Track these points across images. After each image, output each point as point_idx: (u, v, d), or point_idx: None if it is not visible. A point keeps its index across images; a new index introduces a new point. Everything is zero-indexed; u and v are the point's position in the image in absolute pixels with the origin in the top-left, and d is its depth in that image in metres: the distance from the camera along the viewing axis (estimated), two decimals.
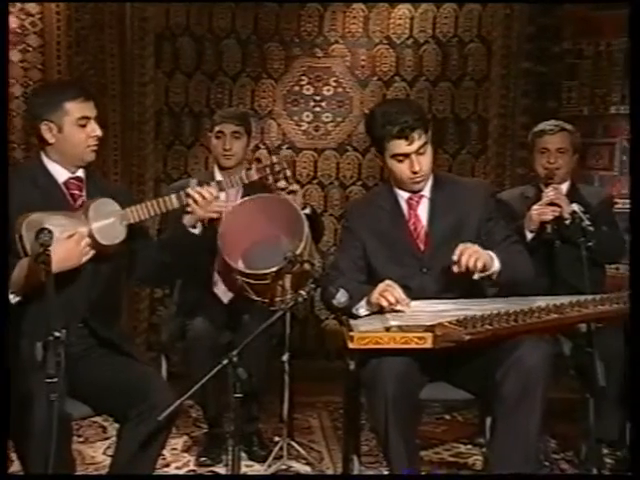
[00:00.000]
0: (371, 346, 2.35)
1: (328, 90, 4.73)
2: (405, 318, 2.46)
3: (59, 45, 4.40)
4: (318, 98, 4.73)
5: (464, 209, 2.73)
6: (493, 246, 2.67)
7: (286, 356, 3.21)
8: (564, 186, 3.50)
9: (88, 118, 2.56)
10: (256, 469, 3.27)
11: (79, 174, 2.61)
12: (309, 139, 4.76)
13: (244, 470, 3.18)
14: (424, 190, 2.75)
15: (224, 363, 2.22)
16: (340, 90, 4.72)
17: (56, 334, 1.96)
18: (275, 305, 3.15)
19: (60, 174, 2.58)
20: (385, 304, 2.49)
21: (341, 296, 2.50)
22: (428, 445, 3.50)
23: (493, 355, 2.42)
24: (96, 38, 4.48)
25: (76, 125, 2.53)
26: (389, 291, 2.51)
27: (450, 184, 2.79)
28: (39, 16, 4.37)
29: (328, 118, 4.74)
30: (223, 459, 3.30)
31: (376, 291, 2.54)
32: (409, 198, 2.75)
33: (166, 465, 3.28)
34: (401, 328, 2.36)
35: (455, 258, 2.51)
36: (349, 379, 2.69)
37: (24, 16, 4.35)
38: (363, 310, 2.57)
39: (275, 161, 2.79)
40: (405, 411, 2.39)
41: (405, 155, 2.65)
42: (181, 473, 3.25)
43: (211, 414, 3.38)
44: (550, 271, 3.44)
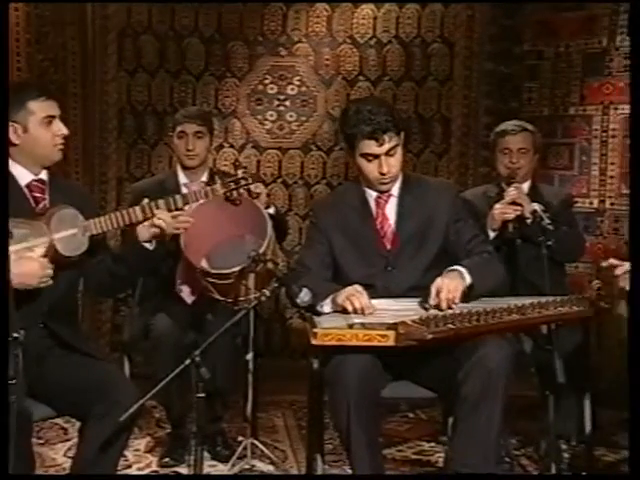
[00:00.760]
0: (334, 343, 2.36)
1: (292, 89, 4.73)
2: (368, 316, 2.47)
3: (18, 42, 4.34)
4: (282, 97, 4.73)
5: (432, 209, 2.74)
6: (461, 247, 2.69)
7: (250, 355, 3.21)
8: (525, 185, 3.54)
9: (53, 117, 2.53)
10: (220, 469, 3.26)
11: (42, 176, 2.58)
12: (273, 138, 4.75)
13: (207, 470, 3.18)
14: (392, 189, 2.76)
15: (186, 363, 2.22)
16: (304, 89, 4.73)
17: (15, 335, 1.94)
18: (239, 305, 3.15)
19: (22, 177, 2.54)
20: (350, 309, 2.50)
21: (304, 295, 2.50)
22: (392, 443, 3.53)
23: (455, 355, 2.44)
24: (57, 35, 4.43)
25: (41, 124, 2.51)
26: (356, 297, 2.52)
27: (418, 184, 2.81)
28: None
29: (292, 117, 4.74)
30: (186, 460, 3.28)
31: (344, 293, 2.54)
32: (377, 197, 2.76)
33: (128, 466, 3.26)
34: (364, 326, 2.37)
35: (433, 292, 2.50)
36: (313, 378, 2.70)
37: None
38: (327, 308, 2.58)
39: (240, 176, 2.79)
40: (367, 409, 2.40)
41: (375, 156, 2.66)
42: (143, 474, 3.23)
43: (174, 414, 3.36)
44: (511, 269, 3.47)
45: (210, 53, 4.67)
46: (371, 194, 2.77)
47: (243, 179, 2.79)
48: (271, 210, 3.44)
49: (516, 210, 3.31)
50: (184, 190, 3.38)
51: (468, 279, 2.56)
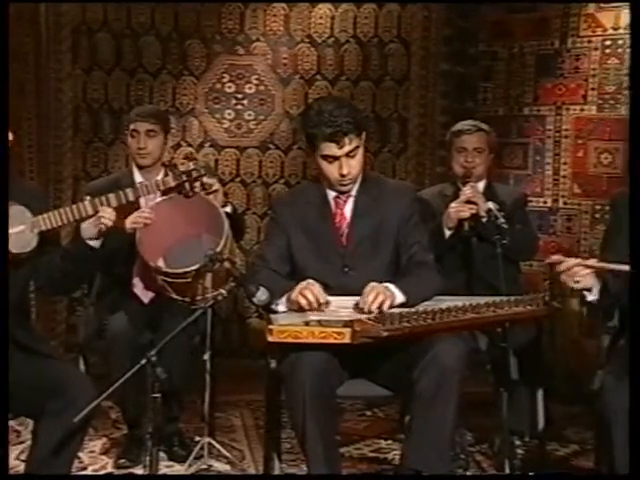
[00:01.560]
0: (290, 340, 2.36)
1: (250, 88, 4.72)
2: (325, 313, 2.48)
3: None
4: (240, 96, 4.72)
5: (387, 209, 2.75)
6: (405, 250, 2.71)
7: (207, 355, 3.20)
8: (480, 184, 3.58)
9: None
10: (176, 469, 3.24)
11: None
12: (231, 137, 4.74)
13: (164, 471, 3.17)
14: (352, 190, 2.77)
15: (142, 363, 2.20)
16: (262, 88, 4.72)
17: None
18: (196, 304, 3.14)
19: None
20: (304, 302, 2.50)
21: (261, 294, 2.50)
22: (349, 441, 3.54)
23: (411, 353, 2.45)
24: (10, 32, 4.35)
25: None
26: (309, 289, 2.52)
27: (377, 185, 2.81)
28: None
29: (250, 116, 4.73)
30: (143, 460, 3.26)
31: (297, 289, 2.55)
32: (336, 197, 2.77)
33: (83, 468, 3.22)
34: (320, 323, 2.38)
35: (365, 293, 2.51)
36: (270, 377, 2.70)
37: None
38: (282, 307, 2.58)
39: (192, 168, 2.77)
40: (323, 407, 2.40)
41: (335, 157, 2.66)
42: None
43: (130, 415, 3.33)
44: (467, 268, 3.52)
45: (167, 51, 4.65)
46: (331, 193, 2.77)
47: (195, 171, 2.77)
48: (228, 209, 3.43)
49: (471, 209, 3.35)
50: None
51: (400, 297, 2.55)
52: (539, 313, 2.61)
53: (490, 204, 3.22)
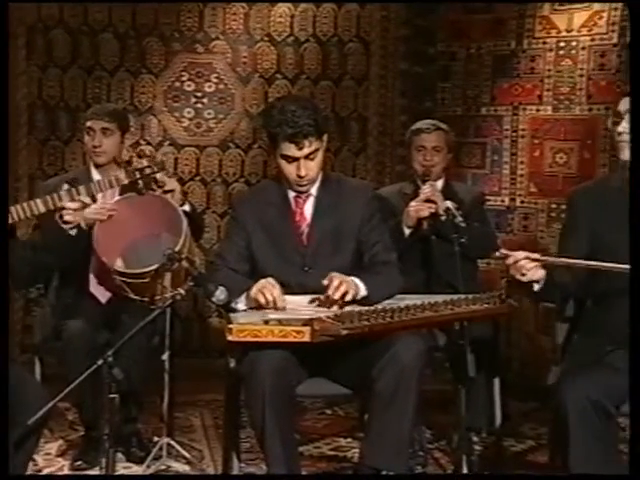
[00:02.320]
0: (249, 339, 2.36)
1: (209, 86, 4.70)
2: (284, 312, 2.48)
3: None
4: (199, 94, 4.69)
5: (347, 209, 2.76)
6: (367, 249, 2.73)
7: (166, 355, 3.17)
8: (439, 183, 3.61)
9: None
10: (135, 470, 3.21)
11: None
12: (190, 136, 4.71)
13: (122, 472, 3.13)
14: (312, 189, 2.77)
15: (99, 363, 2.19)
16: (222, 87, 4.70)
17: None
18: (155, 304, 3.11)
19: None
20: (263, 301, 2.50)
21: (220, 294, 2.50)
22: (309, 440, 3.54)
23: (370, 351, 2.47)
24: None
25: None
26: (268, 288, 2.52)
27: (337, 184, 2.82)
28: None
29: (210, 115, 4.71)
30: (100, 462, 3.21)
31: (256, 286, 2.55)
32: (296, 196, 2.77)
33: (38, 471, 3.16)
34: (280, 322, 2.38)
35: (325, 282, 2.52)
36: (229, 376, 2.70)
37: None
38: (241, 305, 2.58)
39: (145, 165, 2.75)
40: (282, 405, 2.40)
41: (294, 158, 2.66)
42: None
43: (87, 416, 3.29)
44: (426, 266, 3.55)
45: (125, 49, 4.59)
46: (291, 192, 2.78)
47: (148, 167, 2.76)
48: (186, 207, 3.41)
49: (430, 207, 3.38)
50: None
51: (363, 291, 2.58)
52: (496, 311, 2.65)
53: (448, 203, 3.25)
